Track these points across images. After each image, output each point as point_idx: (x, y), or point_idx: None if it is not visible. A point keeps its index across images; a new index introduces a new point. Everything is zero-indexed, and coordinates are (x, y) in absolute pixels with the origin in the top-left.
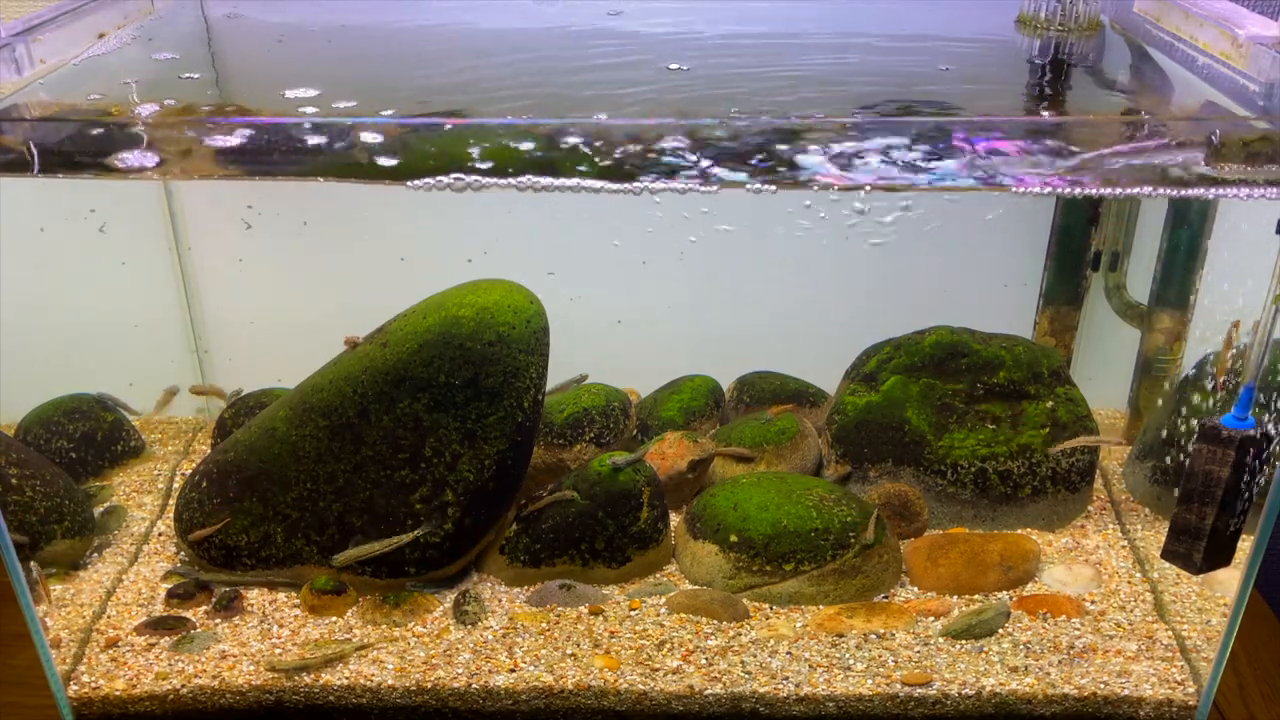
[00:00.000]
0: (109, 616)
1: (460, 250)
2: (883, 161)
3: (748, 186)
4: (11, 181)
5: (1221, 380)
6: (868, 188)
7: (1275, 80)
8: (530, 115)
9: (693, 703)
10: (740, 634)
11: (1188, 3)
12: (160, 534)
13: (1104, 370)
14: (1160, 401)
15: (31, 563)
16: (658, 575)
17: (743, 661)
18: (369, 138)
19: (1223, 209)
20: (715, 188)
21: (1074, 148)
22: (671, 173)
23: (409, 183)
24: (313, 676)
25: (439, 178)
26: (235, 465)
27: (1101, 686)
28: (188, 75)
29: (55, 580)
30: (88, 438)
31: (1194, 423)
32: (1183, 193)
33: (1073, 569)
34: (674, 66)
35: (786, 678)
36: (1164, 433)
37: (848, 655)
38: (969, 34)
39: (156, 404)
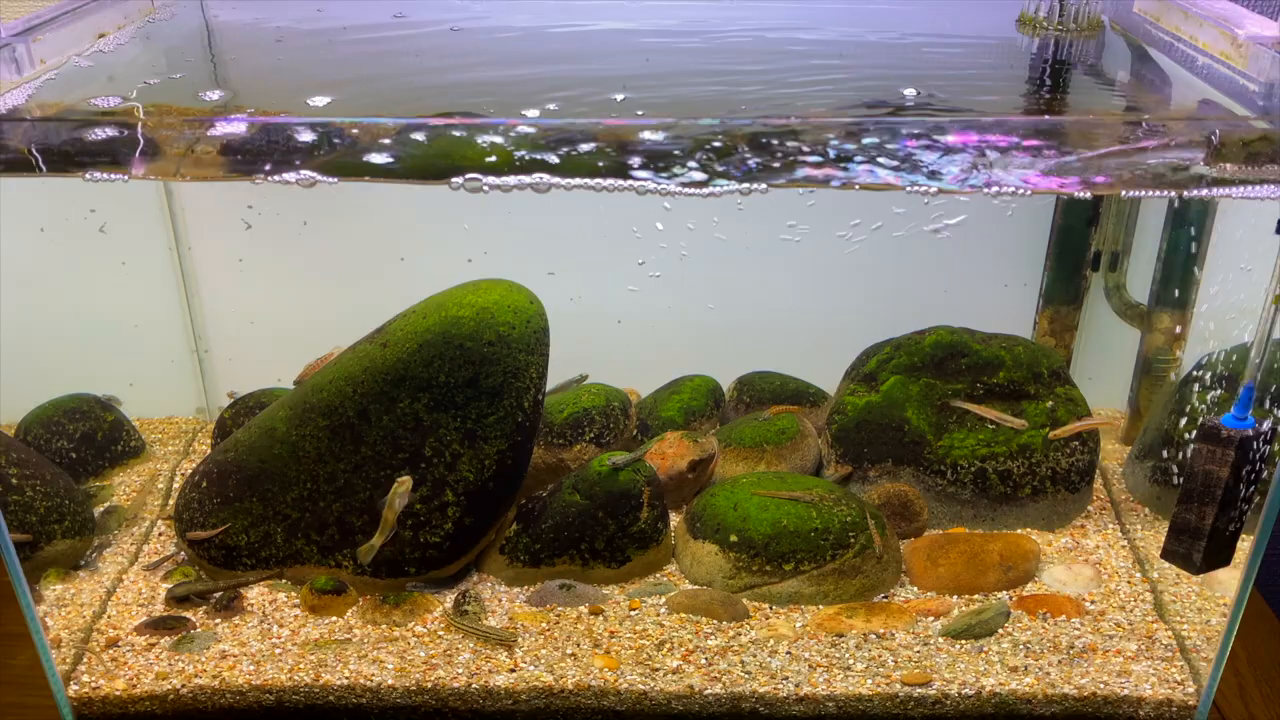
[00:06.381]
0: (109, 616)
1: (460, 250)
2: (879, 163)
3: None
4: (11, 181)
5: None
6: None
7: (1275, 80)
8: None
9: (693, 703)
10: (740, 634)
11: (1188, 3)
12: (160, 534)
13: (1104, 370)
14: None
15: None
16: (658, 575)
17: (742, 661)
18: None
19: (1223, 209)
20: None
21: (1074, 148)
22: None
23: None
24: (313, 676)
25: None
26: (235, 465)
27: (1101, 686)
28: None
29: (55, 580)
30: (88, 438)
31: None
32: (1183, 193)
33: (1073, 569)
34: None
35: (786, 678)
36: (1179, 425)
37: (847, 655)
38: (967, 35)
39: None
